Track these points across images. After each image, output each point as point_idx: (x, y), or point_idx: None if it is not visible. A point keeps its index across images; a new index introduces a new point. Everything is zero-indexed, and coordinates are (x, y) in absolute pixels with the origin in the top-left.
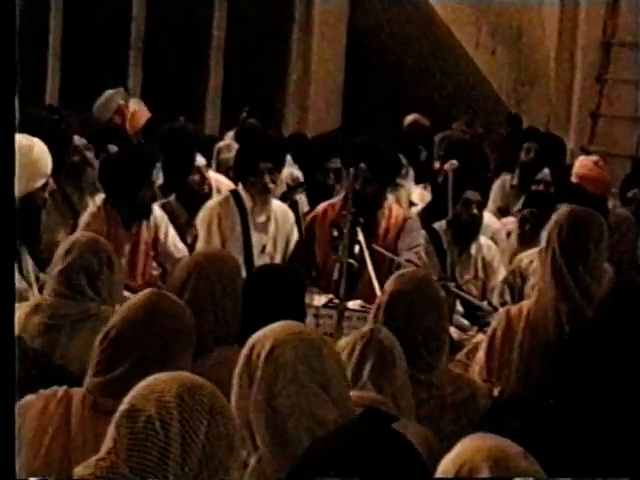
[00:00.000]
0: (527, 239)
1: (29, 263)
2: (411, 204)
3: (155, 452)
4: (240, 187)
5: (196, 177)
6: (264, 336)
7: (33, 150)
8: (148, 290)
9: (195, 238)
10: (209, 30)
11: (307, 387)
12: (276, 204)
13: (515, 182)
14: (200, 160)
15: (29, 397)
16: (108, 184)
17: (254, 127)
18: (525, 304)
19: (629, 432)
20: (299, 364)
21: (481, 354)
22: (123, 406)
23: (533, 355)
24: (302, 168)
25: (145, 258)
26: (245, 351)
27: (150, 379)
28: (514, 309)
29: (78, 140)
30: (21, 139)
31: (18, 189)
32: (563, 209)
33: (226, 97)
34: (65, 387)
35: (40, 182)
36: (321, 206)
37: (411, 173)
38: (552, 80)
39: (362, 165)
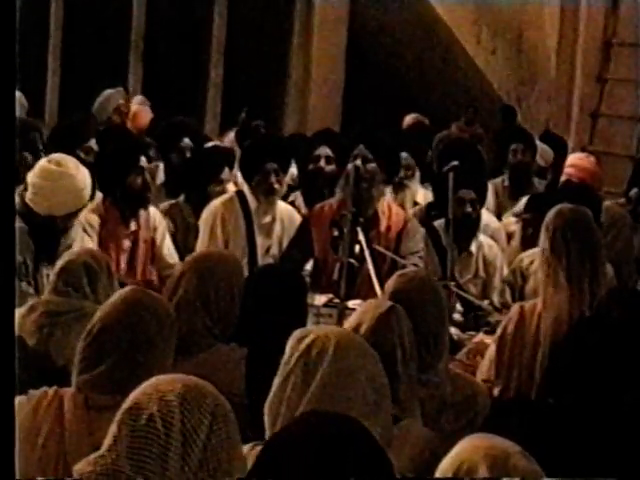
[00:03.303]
0: (529, 242)
1: (45, 282)
2: (415, 204)
3: (156, 450)
4: (245, 188)
5: (218, 189)
6: (325, 335)
7: (76, 180)
8: (129, 287)
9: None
10: (209, 30)
11: (363, 396)
12: (282, 205)
13: (507, 184)
14: (226, 173)
15: (20, 398)
16: (100, 176)
17: (257, 128)
18: (540, 302)
19: (629, 432)
20: (362, 372)
21: (492, 349)
22: (126, 404)
23: (548, 353)
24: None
25: (145, 256)
26: (301, 346)
27: (154, 379)
28: (527, 305)
29: (94, 144)
30: (69, 164)
31: (44, 207)
32: (554, 210)
33: (226, 97)
34: (55, 387)
35: (68, 211)
36: (317, 206)
37: (417, 174)
38: (552, 80)
39: (361, 146)
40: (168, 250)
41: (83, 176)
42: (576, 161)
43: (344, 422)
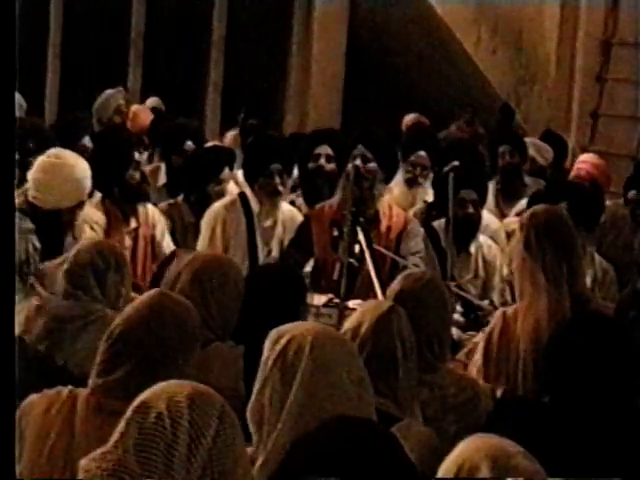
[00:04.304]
0: None
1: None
2: (424, 203)
3: (162, 448)
4: (247, 190)
5: (217, 189)
6: (300, 334)
7: (75, 169)
8: (153, 290)
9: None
10: (209, 29)
11: (345, 391)
12: (284, 207)
13: (499, 188)
14: (226, 173)
15: (33, 397)
16: (97, 175)
17: (255, 127)
18: (521, 305)
19: (627, 432)
20: (341, 367)
21: (478, 356)
22: (135, 402)
23: (531, 356)
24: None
25: (145, 253)
26: (277, 347)
27: (163, 383)
28: (510, 310)
29: (88, 142)
30: (67, 155)
31: (48, 201)
32: (529, 212)
33: (226, 97)
34: (69, 387)
35: (72, 202)
36: (318, 206)
37: (431, 174)
38: (552, 80)
39: (360, 146)
40: (168, 246)
41: (83, 166)
42: (589, 158)
43: (370, 428)
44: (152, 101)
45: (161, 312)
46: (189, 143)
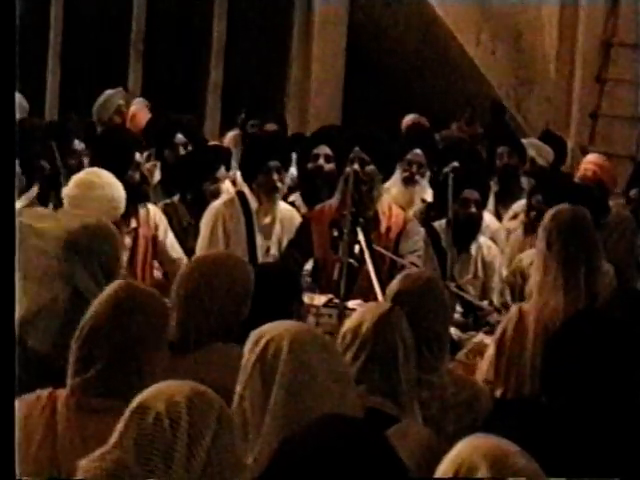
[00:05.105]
0: (532, 228)
1: None
2: (424, 202)
3: (162, 448)
4: (245, 189)
5: (212, 187)
6: (278, 335)
7: (111, 188)
8: (116, 282)
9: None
10: (209, 30)
11: (327, 389)
12: (282, 206)
13: (496, 189)
14: (222, 171)
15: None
16: None
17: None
18: (537, 303)
19: (626, 431)
20: (321, 365)
21: (491, 351)
22: (133, 403)
23: (539, 354)
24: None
25: (144, 253)
26: (257, 349)
27: (161, 383)
28: (526, 306)
29: (78, 144)
30: (104, 174)
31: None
32: (552, 211)
33: (226, 97)
34: (49, 389)
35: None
36: (318, 206)
37: (427, 173)
38: (552, 80)
39: (356, 148)
40: (171, 245)
41: (118, 185)
42: (594, 159)
43: (358, 428)
44: (137, 101)
45: (126, 305)
46: (179, 136)
